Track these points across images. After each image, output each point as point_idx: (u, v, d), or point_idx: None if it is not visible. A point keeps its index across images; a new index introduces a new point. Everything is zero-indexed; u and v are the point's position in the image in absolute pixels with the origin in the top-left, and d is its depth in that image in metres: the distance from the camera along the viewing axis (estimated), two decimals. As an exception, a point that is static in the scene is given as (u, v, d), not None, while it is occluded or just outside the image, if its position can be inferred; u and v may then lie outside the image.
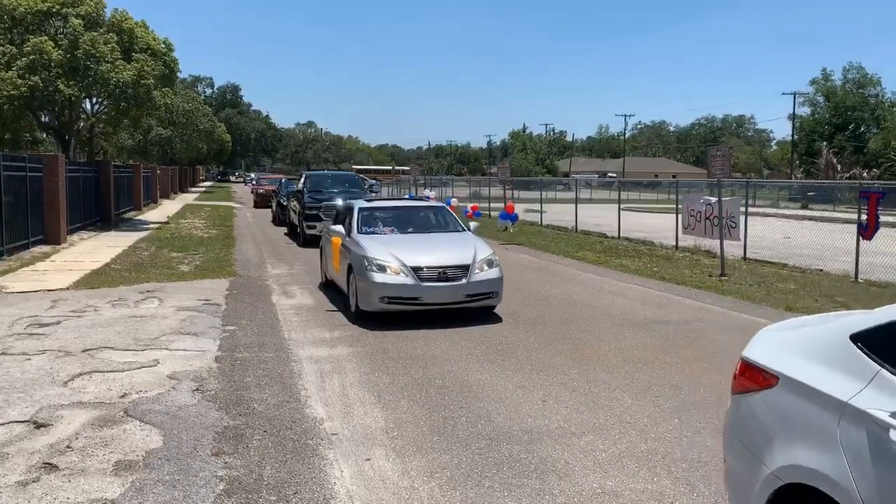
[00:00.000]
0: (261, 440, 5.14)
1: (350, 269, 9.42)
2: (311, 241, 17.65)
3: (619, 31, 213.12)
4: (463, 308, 9.09)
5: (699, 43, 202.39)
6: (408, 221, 10.78)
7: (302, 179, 21.62)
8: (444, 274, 8.87)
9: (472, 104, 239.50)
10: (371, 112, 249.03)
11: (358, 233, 10.01)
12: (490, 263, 9.24)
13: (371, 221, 10.48)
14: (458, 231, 10.60)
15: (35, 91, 21.82)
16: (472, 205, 25.96)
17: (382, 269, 8.82)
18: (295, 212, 20.64)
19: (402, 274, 8.77)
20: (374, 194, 23.06)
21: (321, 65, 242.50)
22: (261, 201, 35.97)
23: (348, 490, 4.38)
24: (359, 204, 10.98)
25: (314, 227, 17.79)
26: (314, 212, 18.02)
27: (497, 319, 9.30)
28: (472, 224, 11.16)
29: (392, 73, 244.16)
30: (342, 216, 11.30)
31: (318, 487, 4.40)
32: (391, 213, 10.92)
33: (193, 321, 9.03)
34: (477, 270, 9.00)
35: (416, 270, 8.79)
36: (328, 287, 11.51)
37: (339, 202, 18.80)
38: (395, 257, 8.94)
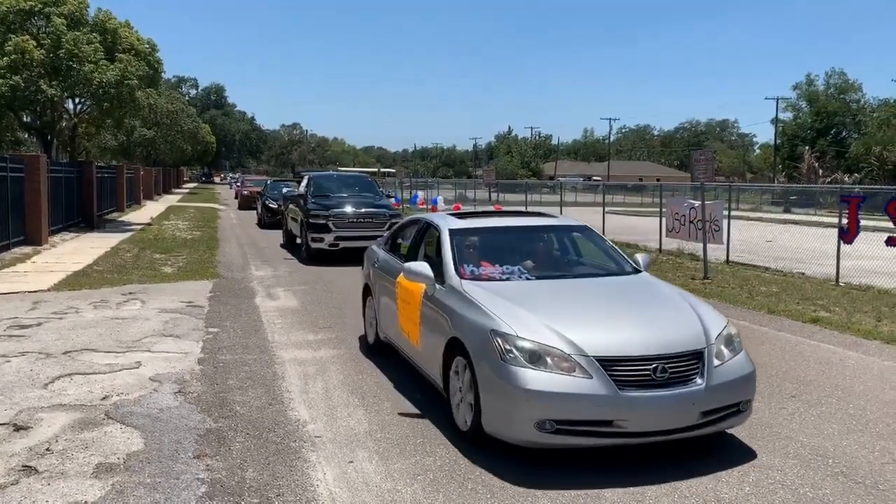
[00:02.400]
0: (243, 443, 5.12)
1: (455, 347, 5.28)
2: (317, 257, 15.32)
3: (605, 35, 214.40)
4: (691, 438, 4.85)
5: (683, 48, 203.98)
6: (530, 254, 6.44)
7: (304, 182, 17.72)
8: (661, 372, 4.62)
9: (458, 107, 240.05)
10: (357, 114, 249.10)
11: (460, 277, 5.77)
12: (730, 343, 5.08)
13: (472, 255, 6.27)
14: (628, 273, 6.27)
15: (16, 91, 21.60)
16: (454, 205, 25.98)
17: (537, 359, 4.65)
18: (295, 220, 17.20)
19: (577, 371, 4.59)
20: (390, 199, 19.28)
21: (307, 66, 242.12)
22: (245, 203, 35.85)
23: (331, 492, 4.37)
24: (447, 223, 6.55)
25: (321, 240, 15.14)
26: (321, 221, 15.22)
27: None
28: (641, 257, 6.55)
29: (378, 74, 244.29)
30: (411, 243, 7.21)
31: (300, 490, 4.39)
32: (501, 240, 6.65)
33: (176, 323, 8.97)
34: (716, 361, 4.86)
35: (605, 364, 4.60)
36: (380, 352, 7.48)
37: (349, 209, 15.42)
38: (556, 333, 4.78)
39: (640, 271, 6.31)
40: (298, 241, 16.87)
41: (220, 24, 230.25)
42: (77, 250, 16.75)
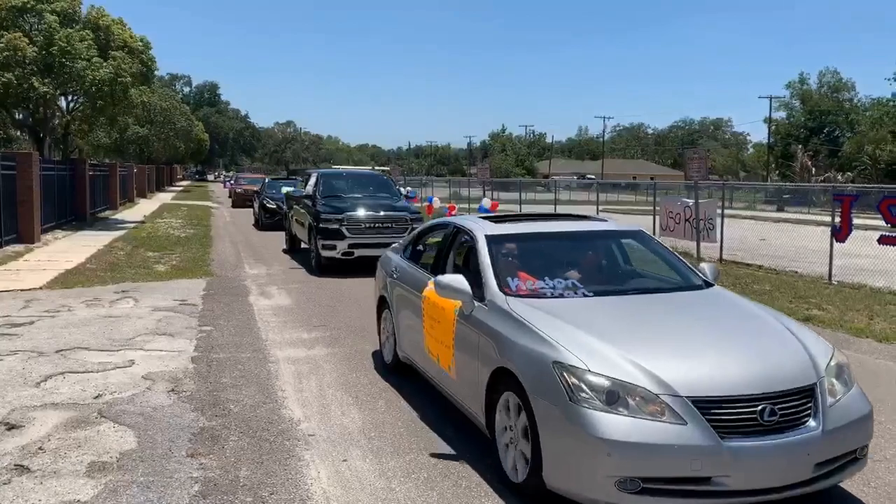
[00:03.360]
0: (237, 441, 5.11)
1: (503, 379, 4.43)
2: (329, 267, 13.53)
3: (599, 33, 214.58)
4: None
5: (677, 46, 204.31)
6: (576, 264, 5.49)
7: (312, 180, 15.57)
8: (770, 414, 3.81)
9: (453, 105, 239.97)
10: (351, 112, 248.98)
11: (504, 293, 4.90)
12: (841, 375, 4.27)
13: (509, 265, 5.34)
14: (698, 286, 5.37)
15: (8, 88, 21.49)
16: (449, 205, 25.93)
17: (616, 399, 3.83)
18: (302, 224, 15.30)
19: (667, 415, 3.77)
20: (410, 201, 16.73)
21: (301, 64, 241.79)
22: (238, 200, 35.82)
23: (325, 491, 4.36)
24: (482, 229, 5.66)
25: (333, 248, 13.30)
26: (333, 226, 13.39)
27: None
28: (708, 268, 5.64)
29: (372, 72, 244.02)
30: (438, 251, 6.31)
31: (294, 488, 4.39)
32: (544, 248, 5.75)
33: (169, 321, 8.95)
34: (829, 399, 4.05)
35: (702, 407, 3.78)
36: (398, 372, 6.74)
37: (366, 212, 13.67)
38: (637, 366, 3.93)
39: (710, 284, 5.41)
40: (304, 245, 15.68)
41: (213, 21, 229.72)
42: (70, 248, 16.69)
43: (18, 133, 33.64)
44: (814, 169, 55.75)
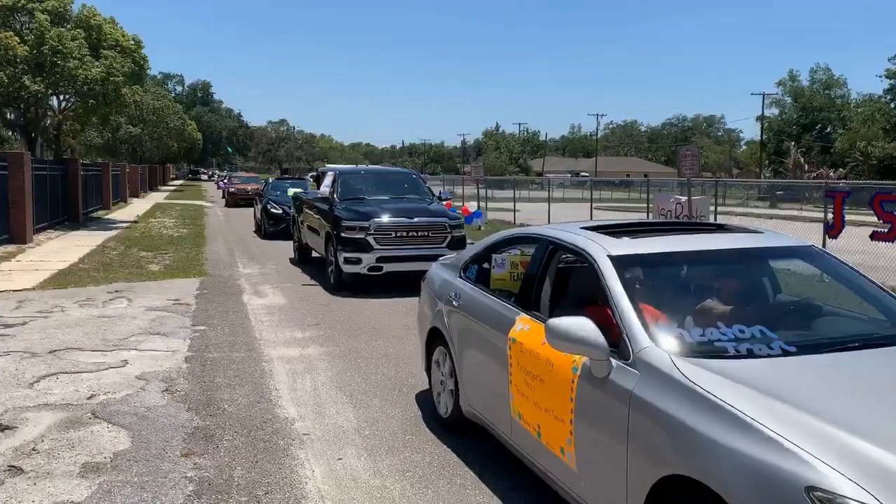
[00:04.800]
0: (231, 441, 5.10)
1: (676, 489, 2.84)
2: (352, 285, 11.37)
3: (592, 31, 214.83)
4: None
5: (670, 43, 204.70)
6: (719, 292, 3.97)
7: (328, 180, 13.05)
8: None
9: (446, 104, 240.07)
10: (344, 110, 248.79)
11: (662, 349, 3.21)
12: None
13: (650, 303, 3.62)
14: None
15: None
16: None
17: None
18: (316, 231, 13.07)
19: None
20: (445, 201, 13.99)
21: (293, 62, 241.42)
22: (232, 200, 35.79)
23: (319, 489, 4.36)
24: (602, 247, 3.89)
25: (357, 262, 11.06)
26: (358, 235, 11.11)
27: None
28: None
29: (365, 70, 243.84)
30: (528, 276, 4.54)
31: (289, 487, 4.38)
32: (694, 276, 4.17)
33: (163, 321, 8.93)
34: None
35: None
36: (457, 427, 5.20)
37: (396, 219, 11.35)
38: None
39: None
40: (315, 254, 13.88)
41: (206, 20, 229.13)
42: (62, 249, 16.62)
43: (10, 133, 33.46)
44: (806, 165, 55.88)
